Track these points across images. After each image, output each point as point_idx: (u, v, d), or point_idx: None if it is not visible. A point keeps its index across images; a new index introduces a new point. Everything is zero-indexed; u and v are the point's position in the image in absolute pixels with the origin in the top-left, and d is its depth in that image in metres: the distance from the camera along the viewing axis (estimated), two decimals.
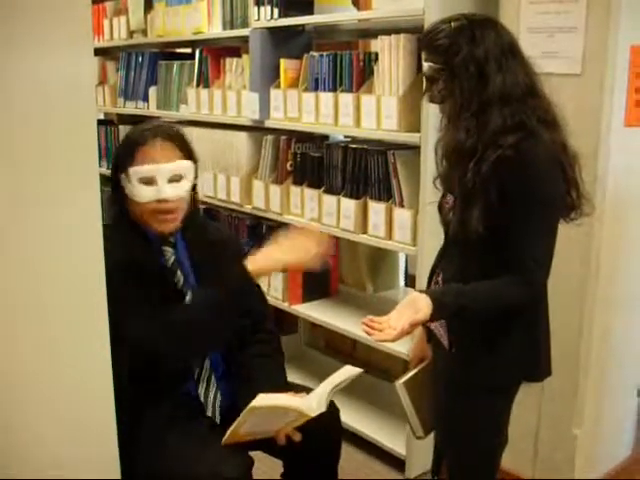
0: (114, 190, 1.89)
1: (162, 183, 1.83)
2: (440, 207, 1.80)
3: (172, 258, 1.91)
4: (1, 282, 1.15)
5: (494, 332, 1.68)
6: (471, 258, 1.67)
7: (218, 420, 1.92)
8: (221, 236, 2.08)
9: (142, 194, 1.82)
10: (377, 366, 3.22)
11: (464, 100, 1.60)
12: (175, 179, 1.85)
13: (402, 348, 2.46)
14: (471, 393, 1.71)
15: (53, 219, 1.19)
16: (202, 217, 2.02)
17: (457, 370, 1.72)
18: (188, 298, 1.89)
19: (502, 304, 1.62)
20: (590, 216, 1.67)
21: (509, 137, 1.55)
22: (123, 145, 1.92)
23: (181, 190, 1.87)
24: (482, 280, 1.62)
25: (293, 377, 2.09)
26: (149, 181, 1.82)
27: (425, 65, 1.68)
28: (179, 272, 1.91)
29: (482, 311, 1.61)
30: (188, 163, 1.89)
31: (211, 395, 1.93)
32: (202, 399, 1.91)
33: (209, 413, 1.91)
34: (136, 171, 1.82)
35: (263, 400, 1.71)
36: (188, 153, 1.91)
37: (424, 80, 1.72)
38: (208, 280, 1.88)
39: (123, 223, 1.89)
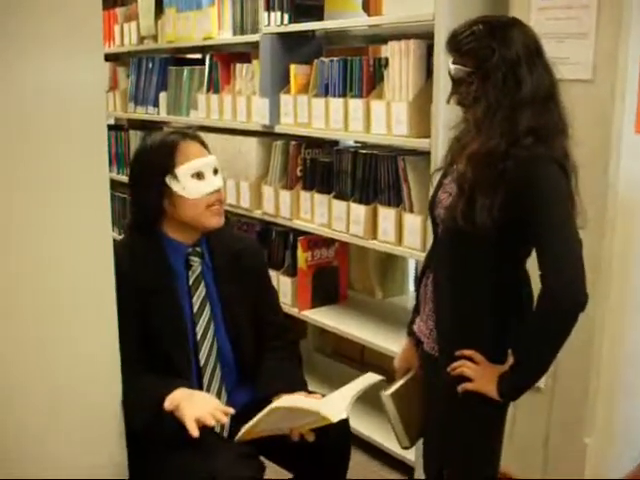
0: (145, 199, 1.88)
1: (209, 175, 1.89)
2: (431, 206, 1.77)
3: (199, 269, 1.90)
4: (14, 283, 1.15)
5: (482, 340, 1.67)
6: (464, 257, 1.66)
7: (226, 435, 1.89)
8: (244, 246, 2.05)
9: (196, 190, 1.85)
10: (385, 372, 3.20)
11: (497, 103, 1.57)
12: (215, 172, 1.91)
13: None
14: (464, 402, 1.68)
15: (64, 222, 1.19)
16: (227, 226, 2.00)
17: (447, 379, 1.68)
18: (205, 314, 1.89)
19: (555, 338, 1.55)
20: (584, 229, 1.59)
21: (527, 139, 1.54)
22: (156, 151, 1.88)
23: (222, 182, 1.94)
24: (474, 279, 1.63)
25: None
26: (199, 175, 1.86)
27: (453, 67, 1.64)
28: (202, 284, 1.90)
29: (545, 358, 1.59)
30: (215, 157, 1.95)
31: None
32: None
33: (217, 429, 1.86)
34: (187, 168, 1.84)
35: (285, 401, 1.68)
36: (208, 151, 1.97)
37: (451, 82, 1.68)
38: (230, 296, 1.91)
39: (153, 233, 1.89)
